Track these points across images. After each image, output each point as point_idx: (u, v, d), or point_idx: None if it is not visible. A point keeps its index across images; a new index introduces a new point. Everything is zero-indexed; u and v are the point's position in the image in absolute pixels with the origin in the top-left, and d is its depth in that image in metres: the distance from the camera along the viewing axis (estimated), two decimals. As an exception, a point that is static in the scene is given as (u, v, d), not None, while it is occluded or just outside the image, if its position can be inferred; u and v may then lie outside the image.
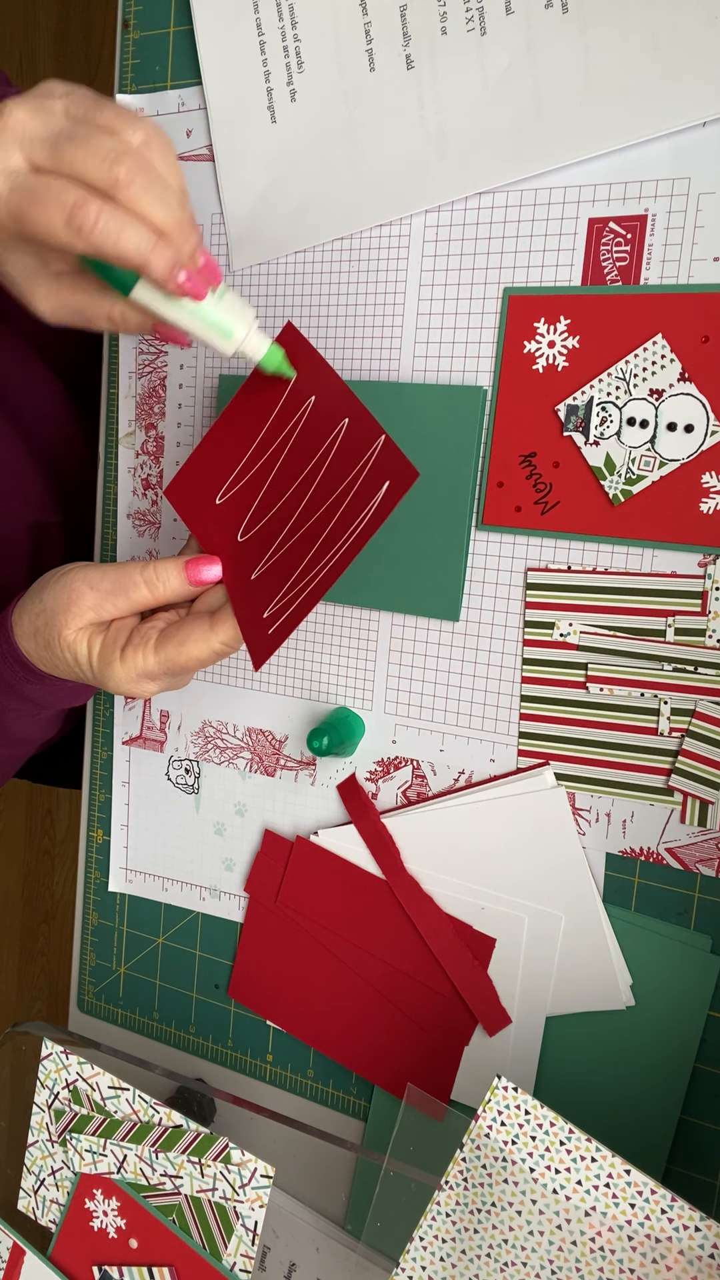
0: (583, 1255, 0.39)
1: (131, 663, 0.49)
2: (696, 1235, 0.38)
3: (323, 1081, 0.60)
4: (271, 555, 0.49)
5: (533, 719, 0.52)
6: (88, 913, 0.70)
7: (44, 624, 0.51)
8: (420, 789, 0.56)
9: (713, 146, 0.45)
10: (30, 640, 0.52)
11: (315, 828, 0.59)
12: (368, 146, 0.53)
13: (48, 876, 1.92)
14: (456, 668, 0.54)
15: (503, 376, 0.50)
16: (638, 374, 0.47)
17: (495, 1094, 0.41)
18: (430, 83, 0.50)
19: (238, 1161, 0.48)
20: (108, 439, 0.66)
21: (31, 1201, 0.55)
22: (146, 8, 0.60)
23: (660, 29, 0.45)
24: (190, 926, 0.65)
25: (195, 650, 0.49)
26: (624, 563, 0.49)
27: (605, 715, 0.50)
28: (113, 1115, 0.52)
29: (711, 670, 0.47)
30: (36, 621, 0.51)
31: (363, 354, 0.55)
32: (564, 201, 0.49)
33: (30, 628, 0.52)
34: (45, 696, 0.55)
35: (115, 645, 0.50)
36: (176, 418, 0.62)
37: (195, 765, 0.64)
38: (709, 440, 0.46)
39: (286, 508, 0.49)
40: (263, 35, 0.54)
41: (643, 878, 0.50)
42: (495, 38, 0.48)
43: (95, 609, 0.50)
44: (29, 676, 0.53)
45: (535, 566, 0.51)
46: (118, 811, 0.68)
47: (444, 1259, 0.42)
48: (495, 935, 0.53)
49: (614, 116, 0.46)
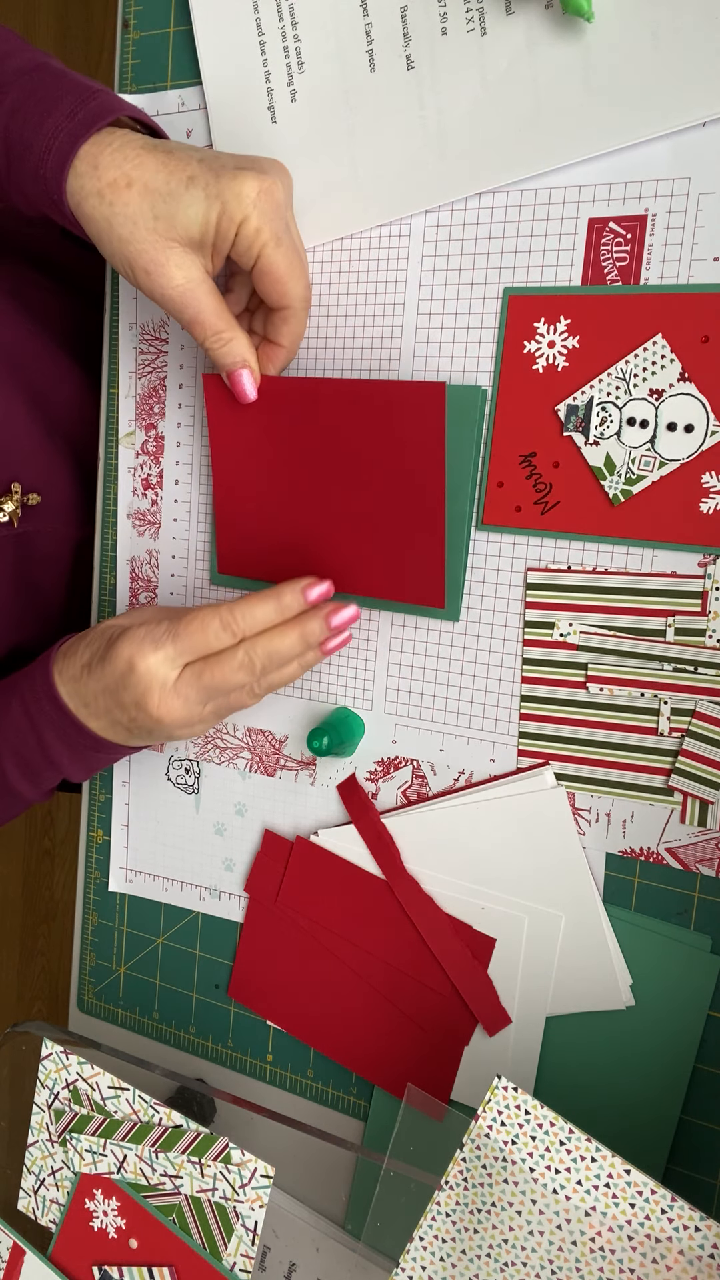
0: (583, 1255, 0.39)
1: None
2: (696, 1235, 0.38)
3: (323, 1081, 0.60)
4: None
5: (533, 719, 0.52)
6: (88, 913, 0.70)
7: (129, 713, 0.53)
8: (420, 789, 0.56)
9: (713, 146, 0.45)
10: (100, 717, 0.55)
11: (315, 828, 0.59)
12: (368, 147, 0.53)
13: (48, 876, 1.92)
14: (456, 668, 0.54)
15: (503, 376, 0.50)
16: (638, 374, 0.47)
17: (495, 1094, 0.41)
18: (430, 83, 0.50)
19: (238, 1161, 0.48)
20: (108, 439, 0.66)
21: (31, 1201, 0.55)
22: (146, 8, 0.60)
23: (660, 29, 0.45)
24: (190, 926, 0.65)
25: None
26: (624, 563, 0.49)
27: (605, 715, 0.50)
28: (113, 1115, 0.52)
29: (711, 670, 0.47)
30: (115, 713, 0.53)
31: (362, 354, 0.55)
32: (564, 201, 0.49)
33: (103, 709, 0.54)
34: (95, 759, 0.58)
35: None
36: (176, 418, 0.62)
37: (195, 765, 0.64)
38: (709, 440, 0.46)
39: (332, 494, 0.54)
40: (263, 35, 0.54)
41: (643, 878, 0.50)
42: (495, 38, 0.48)
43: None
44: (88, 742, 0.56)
45: (535, 566, 0.51)
46: (118, 811, 0.68)
47: (444, 1259, 0.42)
48: (495, 935, 0.53)
49: (614, 116, 0.46)
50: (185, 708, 0.51)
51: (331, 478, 0.54)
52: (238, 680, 0.50)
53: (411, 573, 0.53)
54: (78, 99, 0.49)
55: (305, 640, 0.50)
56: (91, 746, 0.56)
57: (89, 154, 0.48)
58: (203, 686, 0.51)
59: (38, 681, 0.55)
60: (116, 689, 0.51)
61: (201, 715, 0.52)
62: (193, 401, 0.62)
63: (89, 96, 0.49)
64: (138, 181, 0.48)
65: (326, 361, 0.56)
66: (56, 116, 0.49)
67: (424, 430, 0.50)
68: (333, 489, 0.54)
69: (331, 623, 0.51)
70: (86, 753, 0.56)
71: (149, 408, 0.63)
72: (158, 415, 0.63)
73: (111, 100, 0.50)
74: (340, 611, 0.51)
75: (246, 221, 0.48)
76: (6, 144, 0.50)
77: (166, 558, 0.64)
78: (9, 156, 0.50)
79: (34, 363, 0.66)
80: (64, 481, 0.67)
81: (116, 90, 0.61)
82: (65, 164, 0.48)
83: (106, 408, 0.65)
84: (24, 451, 0.64)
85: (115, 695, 0.52)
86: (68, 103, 0.49)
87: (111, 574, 0.67)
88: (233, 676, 0.50)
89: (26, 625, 0.68)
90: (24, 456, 0.64)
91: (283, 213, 0.49)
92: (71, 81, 0.50)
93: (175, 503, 0.63)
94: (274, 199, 0.48)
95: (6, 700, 0.56)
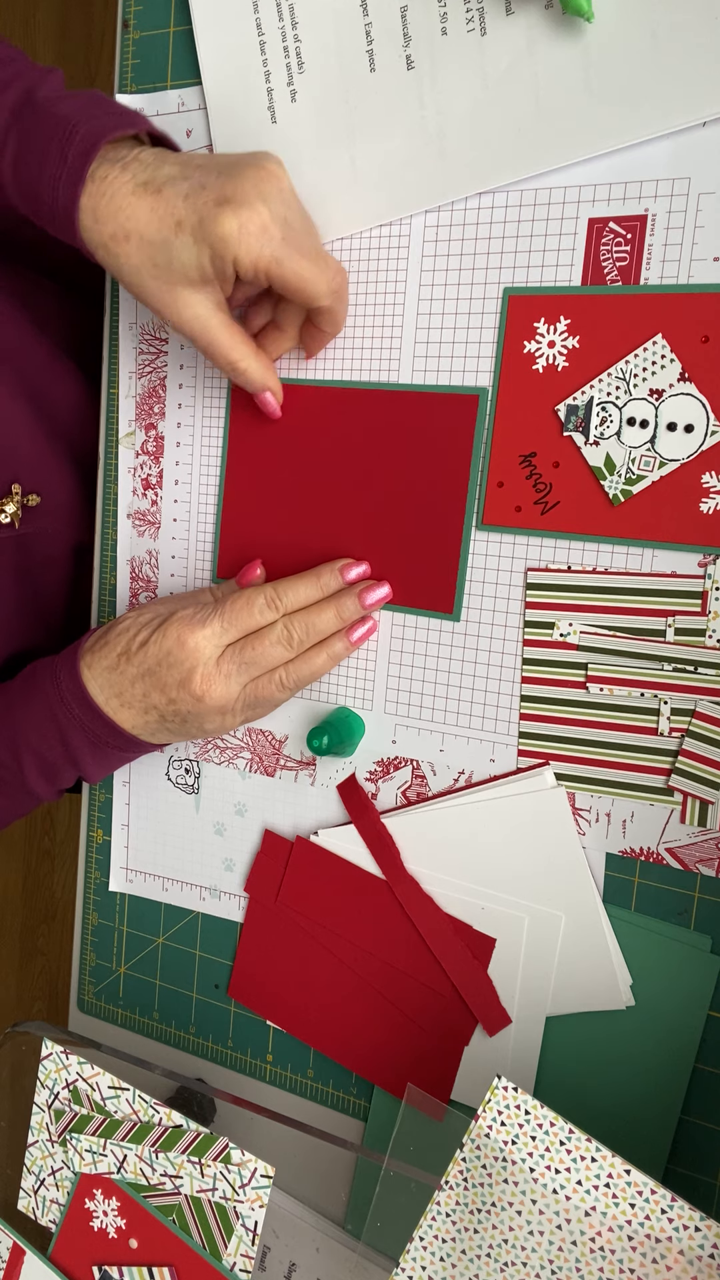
0: (583, 1255, 0.39)
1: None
2: (696, 1235, 0.38)
3: (323, 1081, 0.60)
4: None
5: (533, 719, 0.52)
6: (88, 913, 0.70)
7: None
8: (420, 789, 0.56)
9: (713, 146, 0.45)
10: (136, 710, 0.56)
11: (315, 828, 0.59)
12: (368, 147, 0.53)
13: (48, 876, 1.92)
14: (456, 668, 0.54)
15: (503, 376, 0.50)
16: (638, 374, 0.47)
17: (495, 1094, 0.41)
18: (430, 83, 0.50)
19: (238, 1161, 0.48)
20: (108, 439, 0.66)
21: (31, 1201, 0.55)
22: (146, 8, 0.60)
23: (660, 28, 0.45)
24: (190, 926, 0.65)
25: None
26: (624, 563, 0.49)
27: (605, 715, 0.50)
28: (113, 1115, 0.52)
29: (711, 670, 0.47)
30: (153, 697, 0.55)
31: (362, 354, 0.55)
32: (564, 201, 0.49)
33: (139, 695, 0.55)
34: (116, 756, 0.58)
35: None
36: (176, 418, 0.62)
37: (195, 765, 0.64)
38: (709, 440, 0.46)
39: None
40: (263, 35, 0.54)
41: (643, 878, 0.50)
42: (495, 38, 0.48)
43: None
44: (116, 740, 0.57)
45: (535, 566, 0.51)
46: (118, 811, 0.68)
47: (444, 1259, 0.42)
48: (495, 935, 0.53)
49: (614, 116, 0.46)
50: (225, 686, 0.53)
51: (349, 483, 0.55)
52: (276, 655, 0.53)
53: (424, 578, 0.54)
54: (63, 138, 0.49)
55: (340, 616, 0.53)
56: (119, 746, 0.56)
57: (89, 207, 0.49)
58: (243, 661, 0.53)
59: (63, 681, 0.55)
60: (159, 669, 0.53)
61: (237, 698, 0.54)
62: (193, 401, 0.62)
63: (69, 134, 0.49)
64: (134, 234, 0.49)
65: (327, 362, 0.56)
66: (50, 164, 0.49)
67: (452, 439, 0.51)
68: (349, 494, 0.55)
69: (365, 600, 0.54)
70: (111, 752, 0.57)
71: (149, 408, 0.63)
72: (158, 415, 0.63)
73: (93, 130, 0.49)
74: (374, 590, 0.54)
75: (238, 259, 0.48)
76: (21, 195, 0.51)
77: (166, 558, 0.64)
78: (30, 205, 0.51)
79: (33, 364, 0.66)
80: (64, 482, 0.67)
81: (116, 90, 0.61)
82: (72, 219, 0.49)
83: (106, 408, 0.65)
84: (24, 453, 0.64)
85: (157, 676, 0.53)
86: (55, 146, 0.49)
87: (111, 574, 0.67)
88: (271, 650, 0.53)
89: (28, 626, 0.68)
90: (24, 458, 0.64)
91: (273, 232, 0.48)
92: (51, 118, 0.50)
93: (175, 503, 0.63)
94: (258, 225, 0.47)
95: (26, 701, 0.56)
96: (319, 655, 0.54)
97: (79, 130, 0.49)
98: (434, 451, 0.52)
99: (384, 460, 0.54)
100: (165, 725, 0.55)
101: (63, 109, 0.50)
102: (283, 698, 0.55)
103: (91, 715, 0.55)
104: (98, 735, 0.56)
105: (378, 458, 0.54)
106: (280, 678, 0.54)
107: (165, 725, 0.55)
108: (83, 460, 0.68)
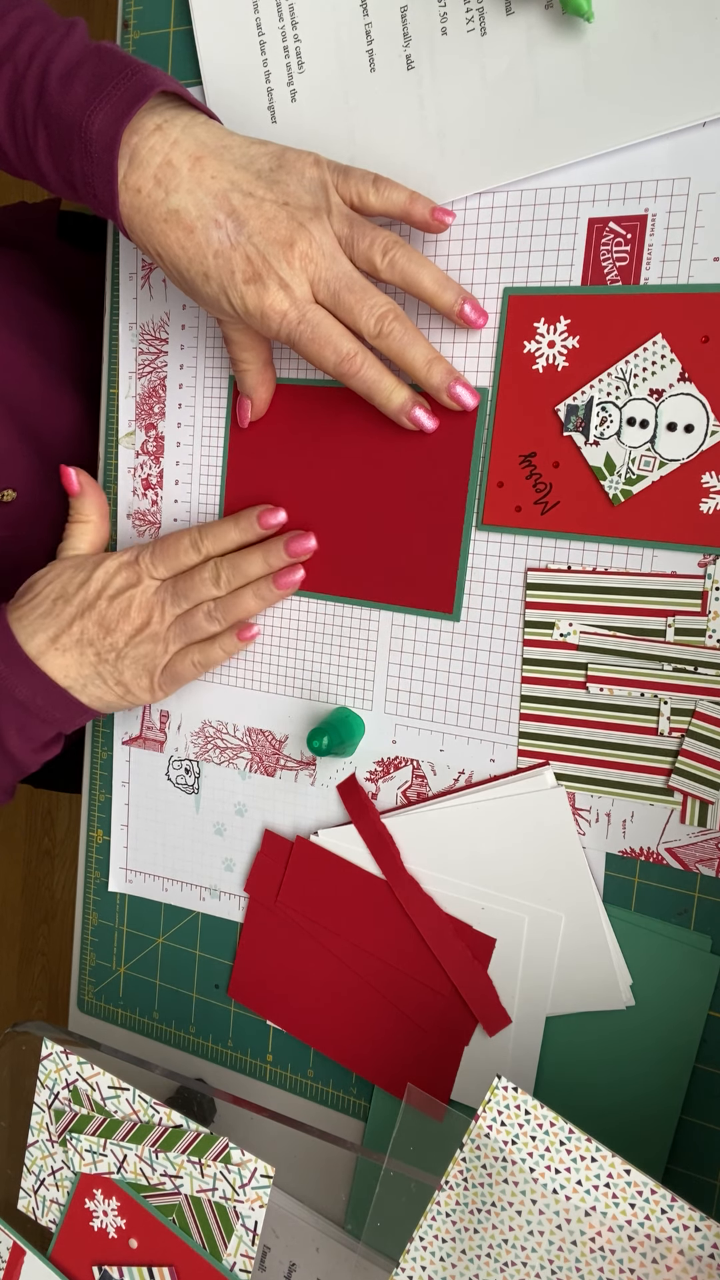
0: (583, 1255, 0.39)
1: None
2: (696, 1235, 0.38)
3: (323, 1081, 0.60)
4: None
5: (533, 719, 0.52)
6: (88, 913, 0.70)
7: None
8: (420, 789, 0.56)
9: (713, 146, 0.45)
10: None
11: (315, 828, 0.59)
12: (368, 147, 0.53)
13: (48, 876, 1.92)
14: (456, 668, 0.54)
15: (503, 376, 0.50)
16: (638, 374, 0.47)
17: (495, 1094, 0.41)
18: (430, 83, 0.50)
19: (238, 1161, 0.48)
20: (108, 439, 0.66)
21: (31, 1201, 0.55)
22: (146, 8, 0.60)
23: (660, 29, 0.45)
24: (190, 926, 0.65)
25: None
26: (624, 563, 0.49)
27: (605, 715, 0.50)
28: (113, 1115, 0.52)
29: (711, 670, 0.47)
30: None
31: (363, 354, 0.55)
32: (564, 201, 0.49)
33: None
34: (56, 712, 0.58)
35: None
36: (176, 418, 0.62)
37: (195, 765, 0.64)
38: (709, 440, 0.46)
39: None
40: (263, 35, 0.54)
41: (643, 878, 0.50)
42: (495, 38, 0.48)
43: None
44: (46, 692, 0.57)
45: (535, 566, 0.51)
46: (118, 811, 0.68)
47: (444, 1259, 0.43)
48: (495, 935, 0.53)
49: (614, 116, 0.46)
50: (160, 613, 0.57)
51: (349, 483, 0.55)
52: (205, 591, 0.56)
53: (423, 578, 0.54)
54: (82, 143, 0.47)
55: (267, 562, 0.56)
56: (44, 706, 0.57)
57: (126, 215, 0.49)
58: (175, 593, 0.57)
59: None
60: (99, 600, 0.56)
61: (170, 626, 0.57)
62: (193, 401, 0.62)
63: (82, 133, 0.47)
64: (165, 258, 0.49)
65: (326, 361, 0.56)
66: (78, 158, 0.48)
67: (452, 439, 0.51)
68: (349, 494, 0.55)
69: (291, 549, 0.56)
70: (34, 723, 0.57)
71: (149, 408, 0.63)
72: (158, 415, 0.63)
73: (108, 118, 0.46)
74: (301, 540, 0.56)
75: (279, 338, 0.49)
76: (72, 186, 0.51)
77: (166, 558, 0.64)
78: (78, 197, 0.51)
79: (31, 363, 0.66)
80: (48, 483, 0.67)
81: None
82: (119, 219, 0.49)
83: (106, 408, 0.65)
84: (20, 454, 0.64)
85: (96, 609, 0.56)
86: (78, 146, 0.48)
87: (111, 574, 0.67)
88: (201, 586, 0.56)
89: None
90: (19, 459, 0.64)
91: (292, 317, 0.48)
92: (67, 109, 0.47)
93: (175, 503, 0.63)
94: (279, 313, 0.48)
95: None
96: (246, 594, 0.56)
97: (93, 123, 0.47)
98: (434, 451, 0.52)
99: (384, 460, 0.54)
100: (99, 670, 0.57)
101: (72, 99, 0.47)
102: (211, 629, 0.57)
103: (19, 669, 0.55)
104: (25, 700, 0.56)
105: (378, 458, 0.54)
106: (208, 608, 0.56)
107: (99, 670, 0.57)
108: (83, 461, 0.68)
